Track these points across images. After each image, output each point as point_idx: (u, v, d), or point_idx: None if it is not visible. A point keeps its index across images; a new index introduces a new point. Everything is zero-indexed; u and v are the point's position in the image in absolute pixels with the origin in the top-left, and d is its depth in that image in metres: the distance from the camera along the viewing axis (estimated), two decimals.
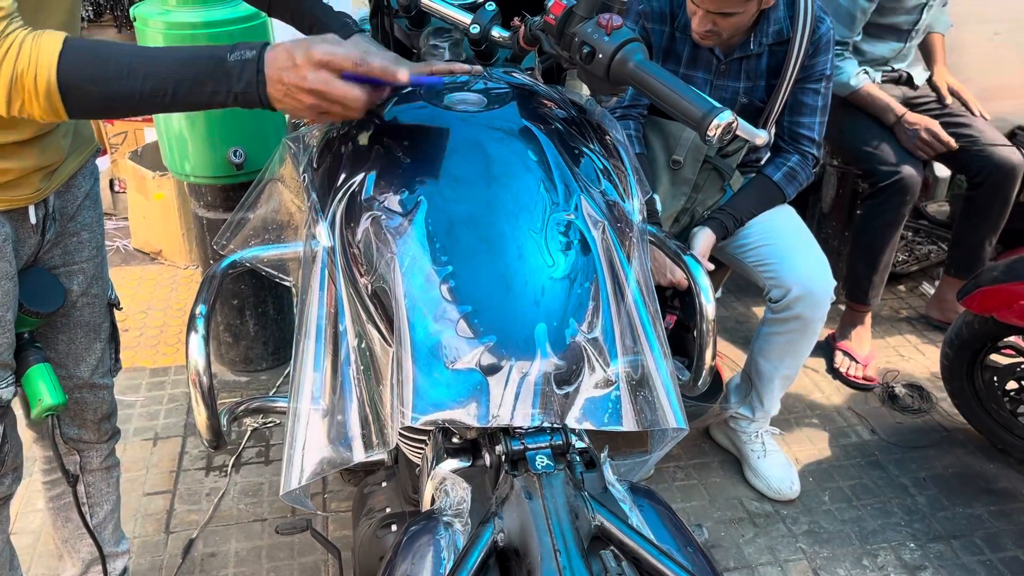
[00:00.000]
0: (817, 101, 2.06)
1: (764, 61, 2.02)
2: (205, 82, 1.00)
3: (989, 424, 2.42)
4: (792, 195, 2.14)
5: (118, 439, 1.73)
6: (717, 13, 1.85)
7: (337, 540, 2.07)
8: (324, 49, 0.99)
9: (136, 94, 1.00)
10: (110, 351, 1.60)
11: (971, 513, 2.25)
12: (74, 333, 1.51)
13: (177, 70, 1.01)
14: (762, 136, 1.12)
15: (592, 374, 0.94)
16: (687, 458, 2.42)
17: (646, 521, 0.92)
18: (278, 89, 1.00)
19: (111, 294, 1.58)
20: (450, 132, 1.10)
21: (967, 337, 2.34)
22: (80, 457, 1.66)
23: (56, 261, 1.43)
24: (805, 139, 2.10)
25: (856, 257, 2.80)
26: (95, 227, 1.48)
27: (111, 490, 1.75)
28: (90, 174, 1.46)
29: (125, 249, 3.54)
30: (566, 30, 1.11)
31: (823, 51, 2.00)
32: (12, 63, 0.98)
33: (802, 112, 2.08)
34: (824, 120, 2.10)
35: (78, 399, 1.57)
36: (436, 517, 0.91)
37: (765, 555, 2.10)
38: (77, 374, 1.54)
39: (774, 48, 2.00)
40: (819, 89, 2.05)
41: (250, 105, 1.03)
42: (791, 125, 2.10)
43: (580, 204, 1.04)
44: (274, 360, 2.76)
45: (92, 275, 1.49)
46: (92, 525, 1.71)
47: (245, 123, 2.31)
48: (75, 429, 1.62)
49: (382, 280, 0.98)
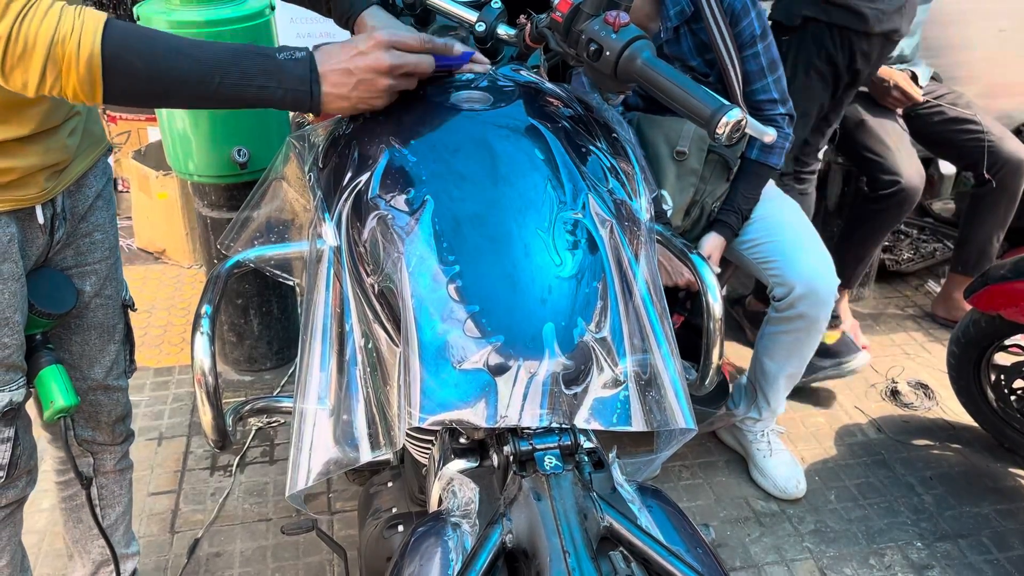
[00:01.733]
0: (760, 62, 2.00)
1: (685, 42, 2.00)
2: (254, 76, 1.00)
3: (996, 423, 2.41)
4: (779, 163, 2.09)
5: (132, 441, 1.72)
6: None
7: (342, 540, 2.07)
8: (390, 32, 1.06)
9: (182, 77, 0.98)
10: (125, 352, 1.59)
11: (978, 512, 2.24)
12: (88, 335, 1.50)
13: (226, 60, 1.00)
14: (770, 133, 1.11)
15: (600, 374, 0.93)
16: (693, 457, 2.42)
17: (655, 522, 0.91)
18: (341, 82, 1.04)
19: (125, 295, 1.56)
20: (456, 130, 1.10)
21: (974, 335, 2.33)
22: (94, 459, 1.65)
23: (68, 262, 1.42)
24: (765, 103, 2.05)
25: (845, 250, 2.79)
26: (108, 227, 1.47)
27: (123, 492, 1.75)
28: (102, 173, 1.45)
29: (129, 249, 3.54)
30: (573, 27, 1.11)
31: (742, 16, 1.95)
32: (52, 27, 0.95)
33: (751, 80, 2.02)
34: (778, 76, 2.04)
35: (92, 401, 1.56)
36: (444, 518, 0.91)
37: (771, 554, 2.10)
38: (91, 376, 1.53)
39: (689, 27, 1.98)
40: (757, 51, 1.99)
41: (298, 104, 1.03)
42: (748, 96, 2.05)
43: (587, 203, 1.03)
44: (278, 360, 2.75)
45: (105, 276, 1.48)
46: (105, 525, 1.71)
47: (248, 122, 2.31)
48: (89, 431, 1.61)
49: (389, 280, 0.97)
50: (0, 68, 0.97)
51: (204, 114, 2.26)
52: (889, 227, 2.71)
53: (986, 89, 2.82)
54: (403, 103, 1.16)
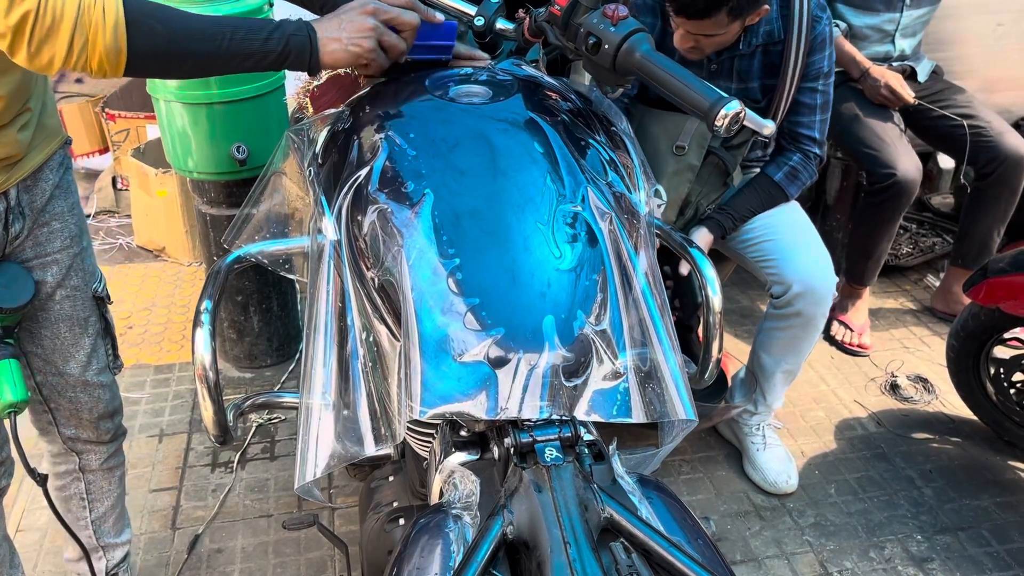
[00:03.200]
0: (816, 99, 2.03)
1: (757, 61, 2.00)
2: (259, 31, 1.10)
3: (995, 416, 2.42)
4: (795, 195, 2.13)
5: (123, 439, 1.70)
6: (699, 33, 1.84)
7: (343, 535, 2.07)
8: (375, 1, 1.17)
9: (197, 36, 1.07)
10: (105, 347, 1.56)
11: (978, 505, 2.24)
12: (57, 328, 1.47)
13: (231, 21, 1.11)
14: (769, 126, 1.11)
15: (600, 366, 0.94)
16: (693, 451, 2.42)
17: (655, 513, 0.91)
18: (332, 27, 1.14)
19: (98, 287, 1.52)
20: (456, 124, 1.10)
21: (973, 329, 2.33)
22: (79, 457, 1.64)
23: (28, 254, 1.40)
24: (805, 139, 2.08)
25: (853, 247, 2.87)
26: (66, 216, 1.44)
27: (112, 488, 1.73)
28: (59, 166, 1.43)
29: (128, 246, 3.54)
30: (572, 21, 1.11)
31: (819, 49, 1.97)
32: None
33: (800, 112, 2.05)
34: (826, 118, 2.07)
35: (72, 398, 1.53)
36: (445, 510, 0.91)
37: (772, 548, 2.10)
38: (67, 371, 1.50)
39: (768, 48, 1.98)
40: (817, 87, 2.02)
41: (300, 54, 1.13)
42: (790, 125, 2.08)
43: (587, 196, 1.03)
44: (278, 356, 2.76)
45: (68, 266, 1.44)
46: (91, 519, 1.72)
47: (248, 118, 2.31)
48: (72, 428, 1.58)
49: (389, 273, 0.97)
50: (27, 46, 1.01)
51: (203, 111, 2.26)
52: (890, 221, 2.71)
53: (985, 83, 2.82)
54: (402, 97, 1.16)
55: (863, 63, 2.66)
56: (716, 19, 1.77)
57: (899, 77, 2.65)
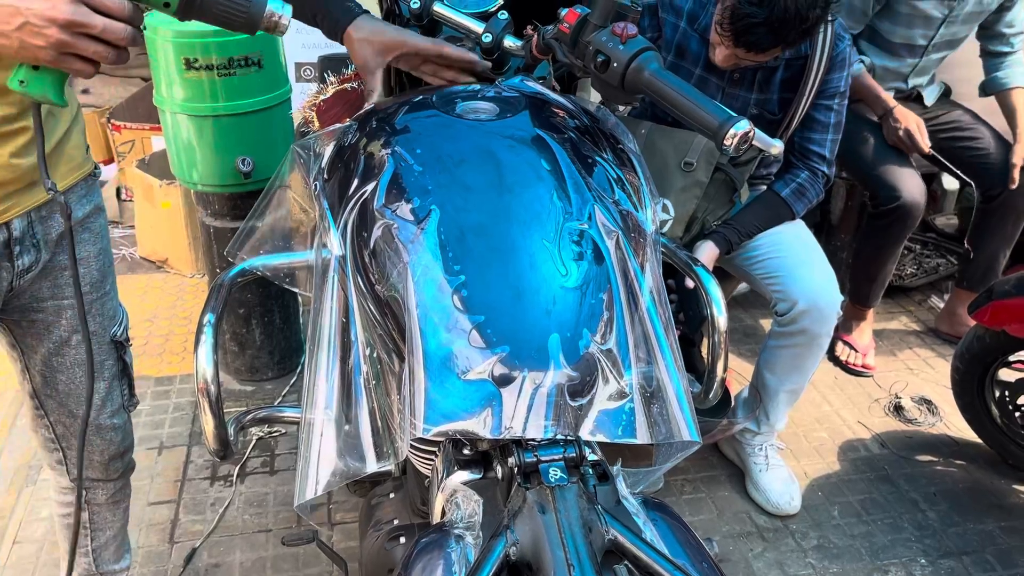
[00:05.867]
0: (829, 118, 2.04)
1: (779, 74, 2.00)
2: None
3: (1000, 439, 2.40)
4: (801, 212, 2.13)
5: (131, 473, 1.66)
6: (747, 59, 1.85)
7: (343, 551, 2.05)
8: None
9: None
10: (121, 388, 1.52)
11: (982, 529, 2.22)
12: (72, 372, 1.43)
13: None
14: (777, 146, 1.11)
15: (606, 386, 0.93)
16: (695, 471, 2.41)
17: (660, 535, 0.90)
18: (4, 20, 0.90)
19: (117, 330, 1.48)
20: (462, 141, 1.10)
21: (978, 351, 2.32)
22: (86, 492, 1.59)
23: (44, 293, 1.34)
24: (815, 156, 2.08)
25: (857, 269, 2.87)
26: (91, 260, 1.38)
27: (116, 519, 1.70)
28: (82, 198, 1.33)
29: (131, 257, 3.54)
30: (580, 39, 1.11)
31: (838, 68, 1.98)
32: None
33: (813, 128, 2.06)
34: (837, 138, 2.08)
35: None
36: (447, 530, 0.90)
37: (774, 570, 2.08)
38: (81, 415, 1.44)
39: (791, 62, 1.99)
40: (832, 106, 2.03)
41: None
42: (802, 141, 2.08)
43: (593, 213, 1.03)
44: (280, 369, 2.75)
45: (87, 311, 1.36)
46: (92, 547, 1.68)
47: (253, 131, 2.31)
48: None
49: (394, 289, 0.97)
50: None
51: (209, 124, 2.27)
52: (894, 243, 2.70)
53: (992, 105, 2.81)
54: (409, 113, 1.16)
55: (888, 102, 2.63)
56: (772, 52, 1.80)
57: (921, 124, 2.60)
